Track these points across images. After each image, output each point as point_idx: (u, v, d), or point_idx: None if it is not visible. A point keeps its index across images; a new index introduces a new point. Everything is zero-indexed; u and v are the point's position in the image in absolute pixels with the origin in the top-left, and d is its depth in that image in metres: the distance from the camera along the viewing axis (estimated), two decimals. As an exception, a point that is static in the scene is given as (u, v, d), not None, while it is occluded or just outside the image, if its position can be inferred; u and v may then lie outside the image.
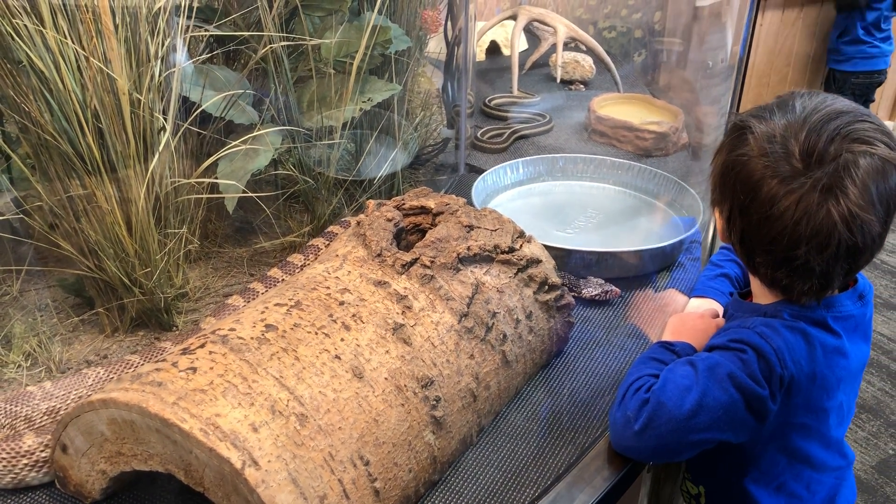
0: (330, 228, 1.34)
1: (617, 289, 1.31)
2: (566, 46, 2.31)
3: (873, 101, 3.78)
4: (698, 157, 1.90)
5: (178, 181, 1.16)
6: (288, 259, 1.26)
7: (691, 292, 1.28)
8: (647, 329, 1.26)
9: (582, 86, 2.34)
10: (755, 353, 0.91)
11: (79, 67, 1.00)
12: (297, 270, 1.22)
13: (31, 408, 0.99)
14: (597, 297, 1.30)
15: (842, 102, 0.89)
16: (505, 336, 1.01)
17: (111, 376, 1.03)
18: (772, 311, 0.96)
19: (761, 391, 0.90)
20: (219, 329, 0.88)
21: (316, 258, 1.16)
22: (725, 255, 1.30)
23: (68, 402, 1.00)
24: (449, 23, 1.73)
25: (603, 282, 1.32)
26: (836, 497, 1.06)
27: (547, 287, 1.08)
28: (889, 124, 4.32)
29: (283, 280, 1.18)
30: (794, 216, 0.85)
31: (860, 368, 1.03)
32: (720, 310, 1.18)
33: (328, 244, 1.25)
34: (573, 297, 1.30)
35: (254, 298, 1.15)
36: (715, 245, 1.50)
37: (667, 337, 1.10)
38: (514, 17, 2.30)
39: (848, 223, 0.84)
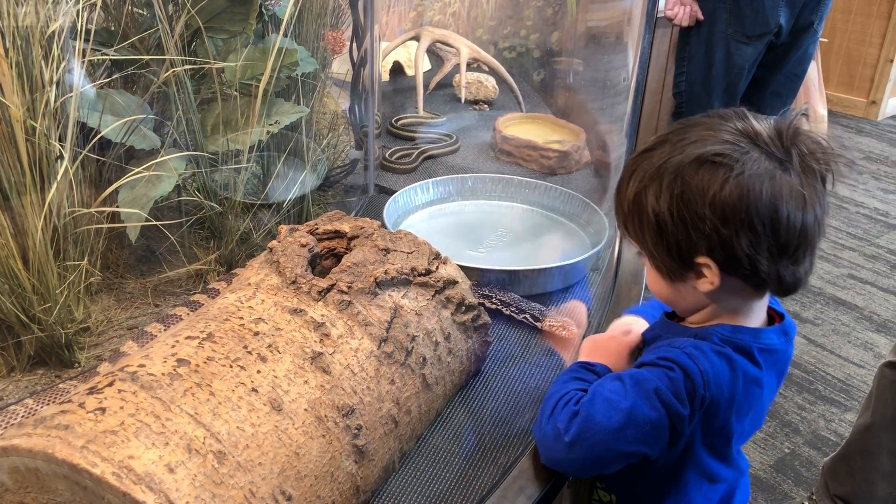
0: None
1: (573, 330, 1.28)
2: (469, 67, 2.34)
3: None
4: (600, 175, 1.95)
5: (78, 211, 1.10)
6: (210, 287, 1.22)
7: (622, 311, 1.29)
8: (557, 345, 1.27)
9: (486, 106, 2.37)
10: (682, 372, 0.93)
11: (-34, 93, 0.94)
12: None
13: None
14: (554, 330, 1.28)
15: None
16: (425, 359, 1.00)
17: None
18: (702, 334, 0.98)
19: (683, 410, 0.92)
20: (127, 366, 0.84)
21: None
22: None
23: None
24: (354, 43, 1.72)
25: (565, 317, 1.30)
26: (731, 501, 1.10)
27: (464, 308, 1.08)
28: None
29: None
30: (801, 204, 0.90)
31: (768, 401, 1.07)
32: (643, 324, 1.18)
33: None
34: (538, 327, 1.29)
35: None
36: (621, 260, 1.54)
37: (583, 359, 1.12)
38: (416, 38, 2.31)
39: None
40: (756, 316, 1.01)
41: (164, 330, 1.12)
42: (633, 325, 1.18)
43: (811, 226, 0.91)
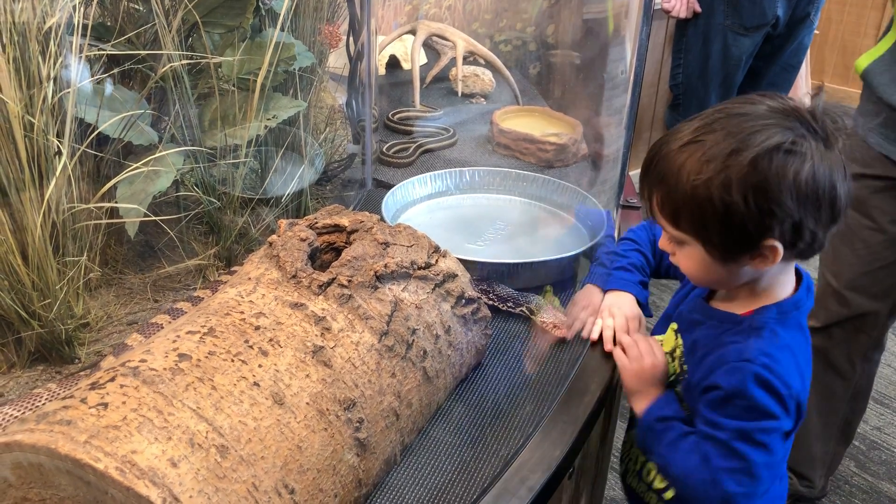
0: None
1: (565, 329, 1.26)
2: (465, 60, 2.34)
3: None
4: (598, 168, 1.95)
5: (76, 207, 1.10)
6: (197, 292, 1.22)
7: (605, 285, 1.31)
8: (549, 341, 1.26)
9: (483, 99, 2.37)
10: (765, 391, 0.96)
11: (-37, 90, 0.94)
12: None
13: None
14: (546, 327, 1.26)
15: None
16: (425, 352, 1.00)
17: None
18: (755, 325, 1.01)
19: (777, 424, 0.96)
20: (129, 361, 0.84)
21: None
22: (630, 245, 1.35)
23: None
24: (350, 37, 1.72)
25: (560, 314, 1.28)
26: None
27: (464, 301, 1.08)
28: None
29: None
30: (843, 176, 0.96)
31: None
32: (634, 304, 1.21)
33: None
34: (533, 320, 1.28)
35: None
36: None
37: (634, 398, 1.14)
38: (413, 32, 2.31)
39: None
40: (789, 278, 1.06)
41: (145, 340, 1.12)
42: (620, 310, 1.20)
43: (849, 193, 0.96)
